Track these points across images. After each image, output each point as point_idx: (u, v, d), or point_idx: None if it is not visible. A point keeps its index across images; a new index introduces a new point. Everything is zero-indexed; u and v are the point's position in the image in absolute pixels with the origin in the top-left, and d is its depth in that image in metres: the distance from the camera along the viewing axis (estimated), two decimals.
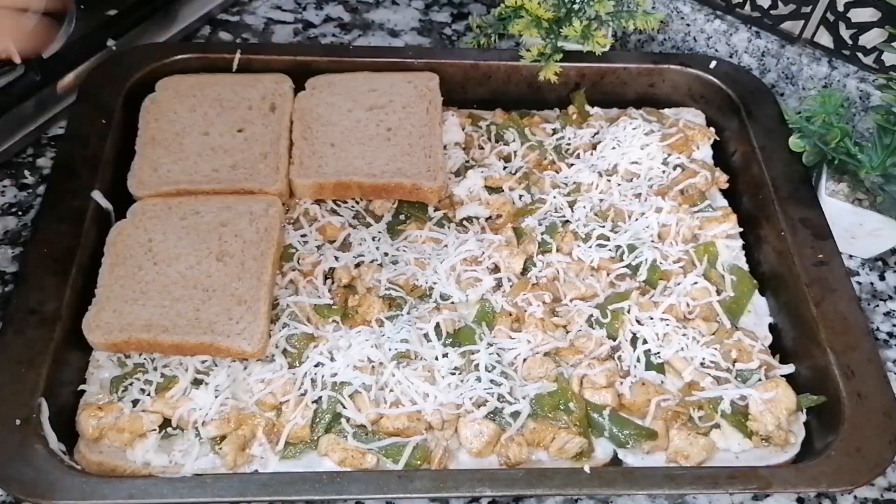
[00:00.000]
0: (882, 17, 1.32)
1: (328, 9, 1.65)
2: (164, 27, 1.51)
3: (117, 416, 1.01)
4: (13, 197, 1.28)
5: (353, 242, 1.21)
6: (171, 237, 1.15)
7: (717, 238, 1.25)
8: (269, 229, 1.16)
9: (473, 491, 0.95)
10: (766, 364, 1.12)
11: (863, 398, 1.03)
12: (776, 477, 0.98)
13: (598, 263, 1.20)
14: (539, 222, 1.25)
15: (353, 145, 1.27)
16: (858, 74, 1.39)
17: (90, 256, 1.12)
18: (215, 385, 1.04)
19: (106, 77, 1.31)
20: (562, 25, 1.36)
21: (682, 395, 1.09)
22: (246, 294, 1.09)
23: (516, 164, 1.33)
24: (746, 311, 1.20)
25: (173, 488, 0.93)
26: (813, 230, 1.20)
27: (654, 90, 1.44)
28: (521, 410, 1.04)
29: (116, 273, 1.10)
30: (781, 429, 1.05)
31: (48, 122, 1.35)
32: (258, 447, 1.01)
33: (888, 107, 1.20)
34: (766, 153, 1.30)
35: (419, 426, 1.02)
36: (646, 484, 0.97)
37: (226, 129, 1.28)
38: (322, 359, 1.07)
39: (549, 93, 1.43)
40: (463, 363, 1.08)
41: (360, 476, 0.97)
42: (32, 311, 1.03)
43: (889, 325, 1.25)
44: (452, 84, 1.39)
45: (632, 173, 1.33)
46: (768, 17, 1.45)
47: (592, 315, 1.14)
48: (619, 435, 1.04)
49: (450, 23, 1.64)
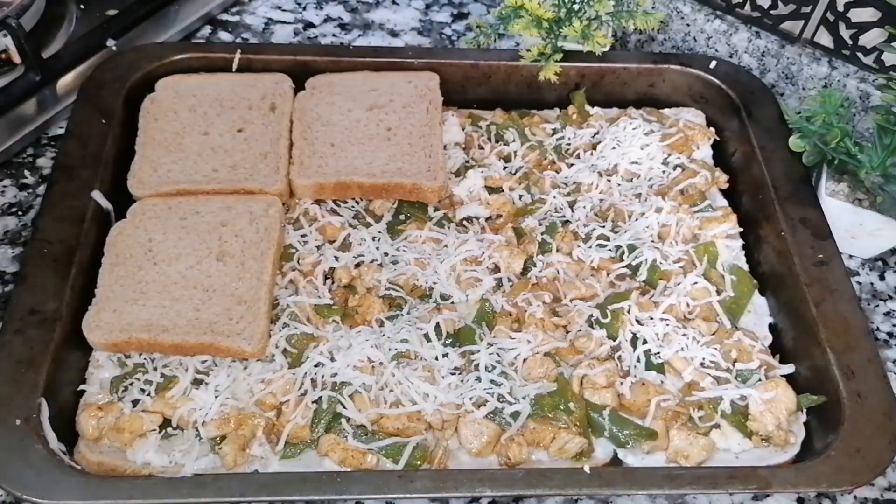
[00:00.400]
0: (882, 17, 1.32)
1: (328, 9, 1.65)
2: (164, 27, 1.52)
3: (117, 417, 1.01)
4: (13, 197, 1.28)
5: (353, 242, 1.21)
6: (171, 237, 1.15)
7: (717, 238, 1.25)
8: (269, 229, 1.16)
9: (473, 491, 0.95)
10: (766, 364, 1.12)
11: (863, 398, 1.03)
12: (776, 477, 0.98)
13: (598, 263, 1.20)
14: (539, 222, 1.25)
15: (353, 145, 1.27)
16: (858, 74, 1.39)
17: (90, 256, 1.12)
18: (215, 385, 1.04)
19: (106, 77, 1.31)
20: (562, 25, 1.36)
21: (682, 395, 1.09)
22: (246, 294, 1.09)
23: (516, 164, 1.33)
24: (746, 311, 1.20)
25: (173, 488, 0.93)
26: (813, 230, 1.20)
27: (654, 90, 1.44)
28: (521, 410, 1.04)
29: (116, 273, 1.10)
30: (781, 429, 1.05)
31: (48, 122, 1.35)
32: (258, 447, 1.01)
33: (888, 107, 1.20)
34: (766, 153, 1.30)
35: (419, 426, 1.02)
36: (646, 484, 0.97)
37: (226, 128, 1.28)
38: (322, 359, 1.07)
39: (549, 93, 1.43)
40: (463, 363, 1.08)
41: (360, 476, 0.97)
42: (32, 311, 1.03)
43: (889, 325, 1.25)
44: (452, 84, 1.39)
45: (632, 173, 1.33)
46: (768, 17, 1.45)
47: (592, 315, 1.14)
48: (619, 435, 1.04)
49: (450, 23, 1.64)
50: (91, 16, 1.49)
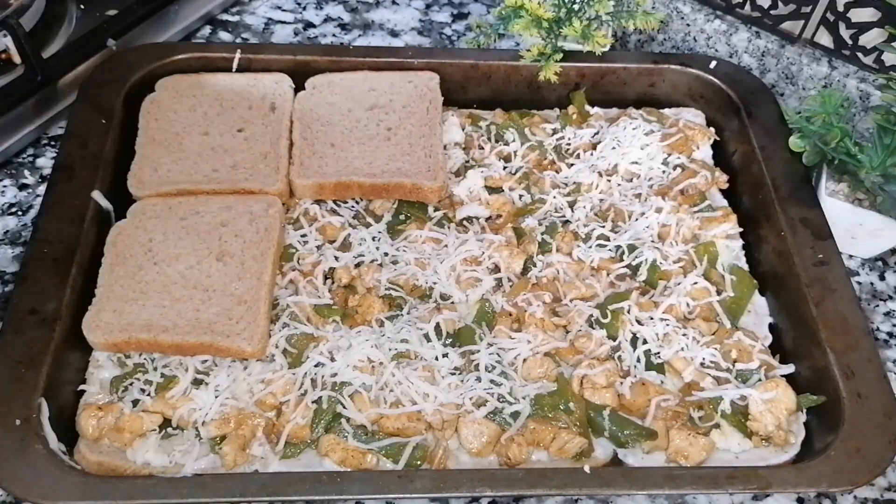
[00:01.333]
0: (882, 17, 1.32)
1: (328, 9, 1.65)
2: (164, 27, 1.51)
3: (117, 417, 1.01)
4: (13, 197, 1.28)
5: (353, 242, 1.21)
6: (171, 237, 1.15)
7: (717, 238, 1.25)
8: (269, 229, 1.16)
9: (473, 491, 0.95)
10: (766, 364, 1.12)
11: (863, 398, 1.03)
12: (776, 477, 0.98)
13: (598, 263, 1.20)
14: (539, 222, 1.25)
15: (353, 145, 1.27)
16: (858, 74, 1.39)
17: (90, 256, 1.12)
18: (215, 385, 1.04)
19: (106, 77, 1.31)
20: (562, 25, 1.36)
21: (682, 395, 1.09)
22: (246, 294, 1.09)
23: (516, 164, 1.33)
24: (746, 311, 1.20)
25: (173, 488, 0.93)
26: (813, 230, 1.20)
27: (654, 90, 1.44)
28: (521, 410, 1.04)
29: (116, 273, 1.10)
30: (781, 429, 1.05)
31: (48, 122, 1.35)
32: (258, 447, 1.01)
33: (888, 107, 1.20)
34: (766, 153, 1.30)
35: (419, 426, 1.02)
36: (646, 484, 0.97)
37: (226, 128, 1.28)
38: (322, 359, 1.07)
39: (549, 93, 1.43)
40: (463, 363, 1.08)
41: (360, 476, 0.97)
42: (32, 311, 1.03)
43: (889, 325, 1.25)
44: (452, 84, 1.39)
45: (632, 173, 1.33)
46: (768, 17, 1.45)
47: (592, 315, 1.14)
48: (619, 435, 1.04)
49: (450, 23, 1.64)
50: (91, 16, 1.49)
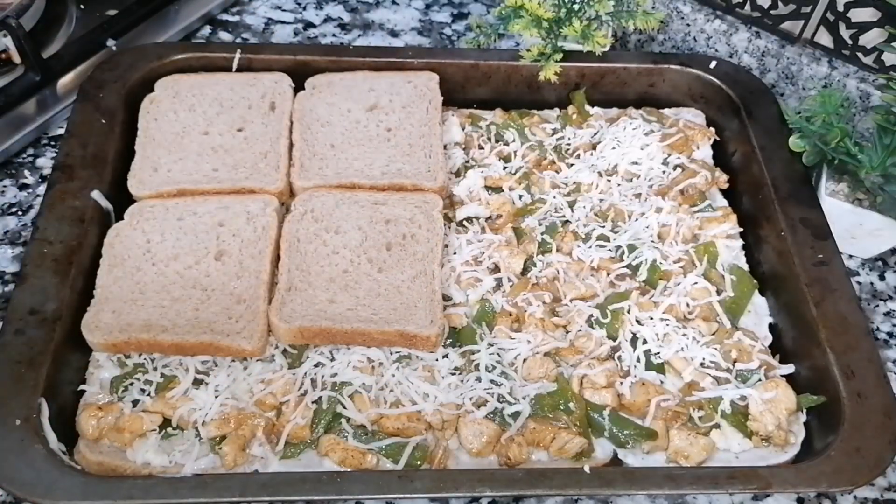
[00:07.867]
0: (882, 17, 1.32)
1: (328, 9, 1.65)
2: (164, 27, 1.52)
3: (117, 417, 1.01)
4: (13, 197, 1.28)
5: None
6: (169, 238, 1.15)
7: (717, 238, 1.25)
8: (267, 228, 1.16)
9: (473, 491, 0.95)
10: (766, 364, 1.12)
11: (863, 398, 1.03)
12: (776, 477, 0.98)
13: (598, 263, 1.20)
14: (539, 222, 1.25)
15: (352, 146, 1.27)
16: (858, 74, 1.39)
17: (90, 256, 1.12)
18: (215, 385, 1.04)
19: (106, 77, 1.31)
20: (562, 25, 1.36)
21: (682, 395, 1.09)
22: (245, 293, 1.09)
23: (516, 164, 1.33)
24: (746, 311, 1.20)
25: (173, 488, 0.93)
26: (813, 230, 1.20)
27: (654, 90, 1.44)
28: (521, 410, 1.04)
29: (115, 274, 1.10)
30: (781, 429, 1.05)
31: (48, 122, 1.35)
32: (258, 447, 1.01)
33: (888, 107, 1.20)
34: (766, 153, 1.30)
35: (419, 426, 1.02)
36: (646, 484, 0.97)
37: (226, 128, 1.28)
38: (322, 359, 1.07)
39: (549, 93, 1.43)
40: (463, 363, 1.08)
41: (360, 476, 0.97)
42: (32, 311, 1.03)
43: (889, 325, 1.25)
44: (452, 84, 1.39)
45: (632, 173, 1.33)
46: (768, 17, 1.45)
47: (592, 315, 1.14)
48: (619, 435, 1.04)
49: (450, 23, 1.64)
50: (91, 16, 1.49)
